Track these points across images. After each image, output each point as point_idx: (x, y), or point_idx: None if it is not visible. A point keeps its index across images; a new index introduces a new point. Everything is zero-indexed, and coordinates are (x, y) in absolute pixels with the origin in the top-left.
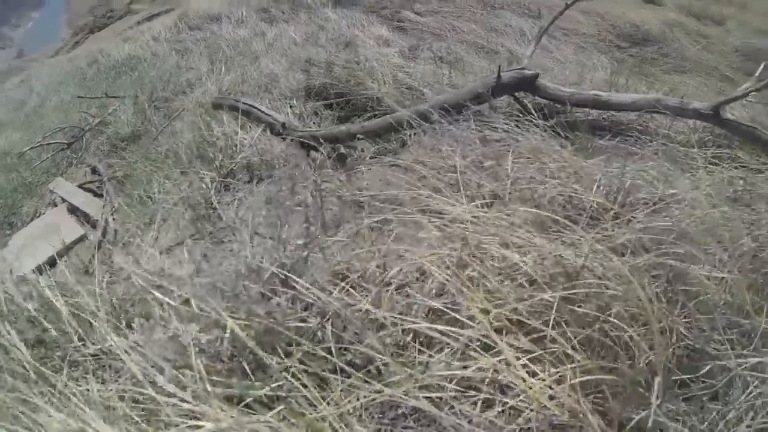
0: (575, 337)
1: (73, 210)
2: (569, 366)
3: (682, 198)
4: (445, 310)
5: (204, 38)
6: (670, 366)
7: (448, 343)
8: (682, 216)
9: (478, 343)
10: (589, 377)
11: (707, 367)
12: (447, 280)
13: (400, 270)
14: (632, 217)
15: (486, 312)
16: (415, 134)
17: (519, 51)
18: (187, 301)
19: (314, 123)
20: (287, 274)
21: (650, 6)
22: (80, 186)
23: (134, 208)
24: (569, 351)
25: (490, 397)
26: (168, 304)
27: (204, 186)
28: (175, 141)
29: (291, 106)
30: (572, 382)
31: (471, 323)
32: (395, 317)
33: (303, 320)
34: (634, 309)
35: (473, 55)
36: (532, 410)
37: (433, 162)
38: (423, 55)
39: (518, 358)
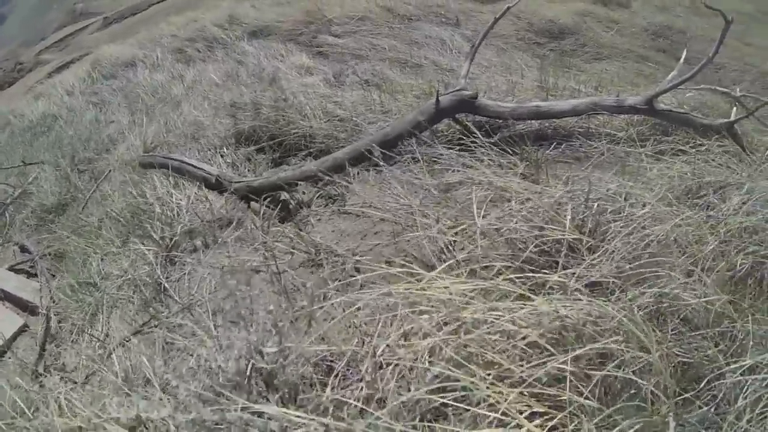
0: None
1: (7, 297)
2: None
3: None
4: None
5: (120, 87)
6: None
7: None
8: (651, 233)
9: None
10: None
11: (706, 379)
12: (450, 370)
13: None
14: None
15: (500, 394)
16: (358, 173)
17: (443, 62)
18: None
19: (248, 170)
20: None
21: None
22: (10, 268)
23: (75, 296)
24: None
25: None
26: None
27: (147, 263)
28: (107, 208)
29: (222, 155)
30: None
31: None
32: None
33: None
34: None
35: (399, 72)
36: None
37: (384, 204)
38: (349, 80)
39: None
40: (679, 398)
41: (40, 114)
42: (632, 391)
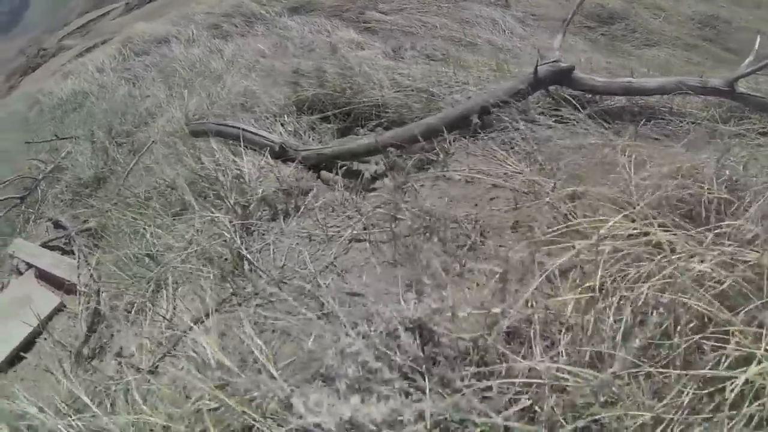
0: None
1: (42, 275)
2: None
3: None
4: None
5: (154, 63)
6: None
7: None
8: None
9: None
10: None
11: None
12: None
13: None
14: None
15: None
16: (454, 140)
17: (498, 42)
18: None
19: (312, 139)
20: None
21: None
22: (44, 245)
23: (128, 270)
24: None
25: None
26: None
27: (217, 234)
28: (154, 179)
29: (282, 124)
30: None
31: None
32: None
33: None
34: None
35: (461, 50)
36: None
37: (492, 169)
38: (408, 54)
39: None
40: None
41: (69, 91)
42: None
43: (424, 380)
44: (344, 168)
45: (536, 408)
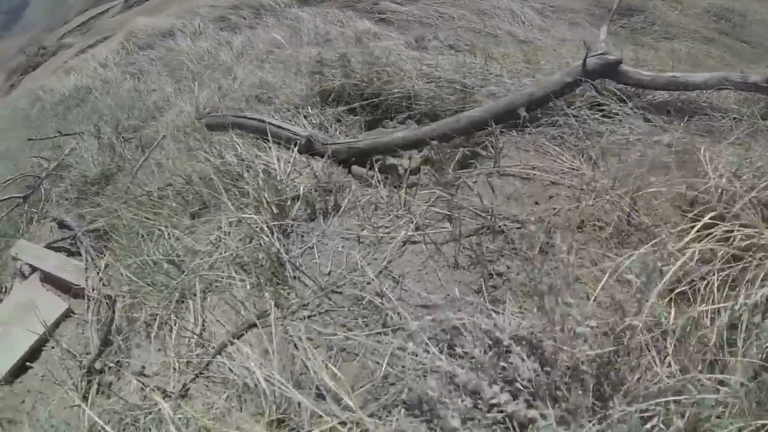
0: None
1: (47, 278)
2: None
3: None
4: None
5: (160, 56)
6: None
7: None
8: None
9: None
10: None
11: None
12: None
13: None
14: None
15: None
16: (500, 134)
17: (519, 33)
18: None
19: (340, 132)
20: None
21: None
22: (48, 246)
23: (148, 277)
24: None
25: None
26: None
27: (257, 235)
28: (167, 176)
29: (305, 116)
30: None
31: None
32: None
33: None
34: None
35: (483, 41)
36: None
37: (547, 165)
38: (432, 45)
39: None
40: None
41: (72, 87)
42: None
43: (549, 408)
44: (378, 162)
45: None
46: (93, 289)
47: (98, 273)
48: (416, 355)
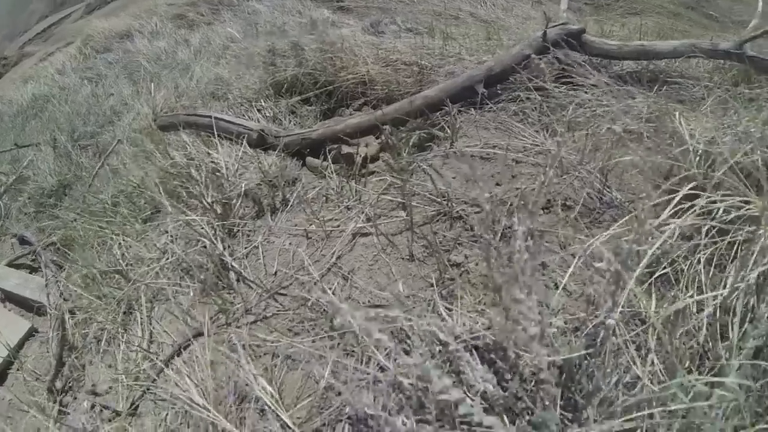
0: None
1: (8, 297)
2: None
3: None
4: None
5: (117, 59)
6: None
7: None
8: None
9: None
10: None
11: None
12: None
13: None
14: None
15: None
16: (459, 113)
17: (481, 14)
18: None
19: (294, 124)
20: None
21: None
22: (9, 264)
23: (96, 290)
24: None
25: None
26: None
27: (194, 239)
28: (121, 182)
29: (259, 109)
30: None
31: None
32: None
33: None
34: None
35: (444, 23)
36: None
37: (510, 143)
38: (389, 30)
39: None
40: None
41: (30, 97)
42: None
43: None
44: (332, 152)
45: None
46: (54, 306)
47: (59, 288)
48: (360, 363)
